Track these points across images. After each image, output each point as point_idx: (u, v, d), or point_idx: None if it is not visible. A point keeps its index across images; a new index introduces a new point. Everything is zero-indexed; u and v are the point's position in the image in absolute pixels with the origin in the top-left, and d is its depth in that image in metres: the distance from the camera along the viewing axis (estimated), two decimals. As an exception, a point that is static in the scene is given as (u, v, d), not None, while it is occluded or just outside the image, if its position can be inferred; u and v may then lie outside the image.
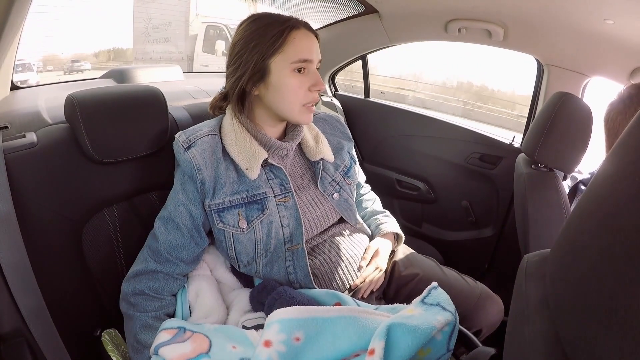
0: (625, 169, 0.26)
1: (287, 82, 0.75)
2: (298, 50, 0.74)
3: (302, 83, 0.76)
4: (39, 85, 1.41)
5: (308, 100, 0.77)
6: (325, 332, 0.59)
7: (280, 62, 0.74)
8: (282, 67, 0.74)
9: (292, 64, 0.74)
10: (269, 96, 0.77)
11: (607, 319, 0.24)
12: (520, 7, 1.11)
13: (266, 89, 0.76)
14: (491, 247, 1.57)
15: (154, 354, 0.66)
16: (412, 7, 1.34)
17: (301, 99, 0.77)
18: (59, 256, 0.77)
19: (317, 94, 0.78)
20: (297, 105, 0.77)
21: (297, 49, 0.74)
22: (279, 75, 0.74)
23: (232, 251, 0.78)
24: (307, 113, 0.79)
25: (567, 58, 1.25)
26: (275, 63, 0.74)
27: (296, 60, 0.74)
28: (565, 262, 0.31)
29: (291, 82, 0.75)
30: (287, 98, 0.76)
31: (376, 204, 1.08)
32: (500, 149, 1.50)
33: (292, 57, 0.74)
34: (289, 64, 0.74)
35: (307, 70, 0.77)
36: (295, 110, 0.77)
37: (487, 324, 0.88)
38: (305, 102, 0.77)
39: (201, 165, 0.74)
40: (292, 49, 0.74)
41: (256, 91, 0.77)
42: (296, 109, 0.77)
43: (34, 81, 1.30)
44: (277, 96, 0.76)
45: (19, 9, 0.84)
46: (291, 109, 0.77)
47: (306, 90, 0.76)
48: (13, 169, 0.72)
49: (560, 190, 1.02)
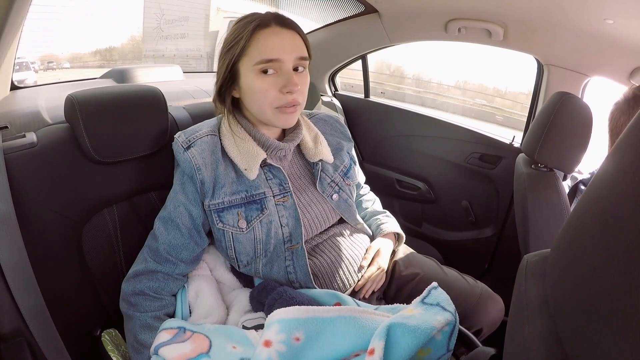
0: (625, 168, 0.26)
1: (253, 85, 0.73)
2: (262, 51, 0.71)
3: (271, 85, 0.72)
4: (39, 85, 1.41)
5: (281, 103, 0.73)
6: (325, 332, 0.59)
7: (246, 64, 0.73)
8: (248, 70, 0.73)
9: (255, 66, 0.71)
10: (244, 99, 0.77)
11: (607, 319, 0.24)
12: (520, 7, 1.11)
13: (240, 92, 0.76)
14: (491, 247, 1.58)
15: (154, 354, 0.66)
16: (412, 7, 1.34)
17: (272, 102, 0.73)
18: (59, 256, 0.77)
19: (293, 96, 0.73)
20: (268, 108, 0.74)
21: (260, 49, 0.71)
22: (246, 77, 0.73)
23: (232, 251, 0.78)
24: (283, 115, 0.75)
25: (567, 58, 1.25)
26: (242, 66, 0.73)
27: (258, 62, 0.71)
28: (565, 262, 0.31)
29: (257, 84, 0.72)
30: (257, 101, 0.74)
31: (376, 204, 1.08)
32: (500, 149, 1.50)
33: (255, 58, 0.71)
34: (252, 66, 0.72)
35: (277, 71, 0.73)
36: (268, 113, 0.75)
37: (487, 324, 0.88)
38: (278, 104, 0.74)
39: (201, 165, 0.74)
40: (255, 49, 0.71)
41: (236, 94, 0.77)
42: (269, 111, 0.75)
43: (32, 81, 1.30)
44: (248, 99, 0.76)
45: (19, 8, 0.84)
46: (264, 112, 0.75)
47: (277, 92, 0.73)
48: (13, 169, 0.72)
49: (560, 190, 1.02)
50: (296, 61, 0.74)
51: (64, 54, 9.26)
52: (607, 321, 0.24)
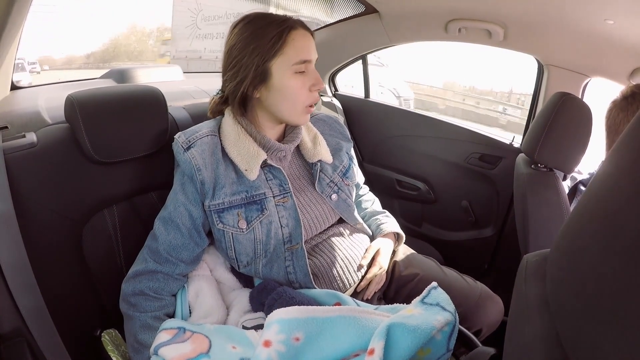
0: (625, 168, 0.26)
1: (289, 84, 0.74)
2: (298, 51, 0.73)
3: (304, 84, 0.75)
4: (39, 86, 1.41)
5: (310, 101, 0.77)
6: (325, 332, 0.59)
7: (282, 64, 0.73)
8: (284, 69, 0.74)
9: (293, 66, 0.74)
10: (271, 99, 0.76)
11: (607, 319, 0.24)
12: (520, 7, 1.11)
13: (268, 92, 0.76)
14: (491, 247, 1.57)
15: (154, 354, 0.66)
16: (412, 7, 1.34)
17: (304, 100, 0.77)
18: (59, 256, 0.77)
19: (318, 94, 0.78)
20: (300, 106, 0.77)
21: (297, 50, 0.73)
22: (281, 77, 0.74)
23: (232, 251, 0.78)
24: (307, 114, 0.80)
25: (567, 58, 1.25)
26: (276, 65, 0.74)
27: (297, 62, 0.74)
28: (565, 262, 0.31)
29: (293, 83, 0.75)
30: (290, 99, 0.76)
31: (375, 204, 1.08)
32: (500, 149, 1.50)
33: (293, 59, 0.73)
34: (291, 66, 0.73)
35: (307, 71, 0.76)
36: (298, 111, 0.78)
37: (487, 324, 0.88)
38: (308, 103, 0.77)
39: (201, 165, 0.74)
40: (293, 50, 0.73)
41: (257, 94, 0.77)
42: (299, 110, 0.77)
43: (27, 82, 1.31)
44: (279, 98, 0.76)
45: (19, 8, 0.84)
46: (294, 110, 0.77)
47: (307, 90, 0.76)
48: (13, 169, 0.72)
49: (560, 190, 1.02)
50: (314, 63, 0.78)
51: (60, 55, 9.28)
52: (607, 321, 0.24)
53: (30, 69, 8.44)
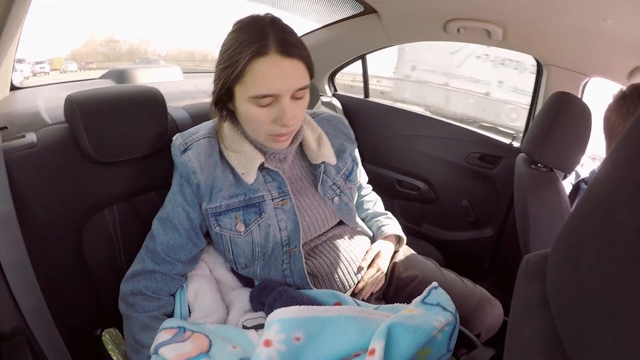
0: (624, 168, 0.26)
1: (248, 112, 0.70)
2: (257, 84, 0.66)
3: (266, 115, 0.69)
4: (39, 86, 1.41)
5: (274, 132, 0.71)
6: (325, 331, 0.59)
7: (241, 91, 0.68)
8: (243, 97, 0.69)
9: (250, 99, 0.67)
10: (239, 116, 0.74)
11: (607, 319, 0.24)
12: (519, 7, 1.11)
13: (235, 110, 0.74)
14: (491, 247, 1.58)
15: (154, 353, 0.66)
16: (411, 7, 1.34)
17: (266, 130, 0.71)
18: (60, 256, 0.77)
19: (287, 128, 0.71)
20: (262, 133, 0.73)
21: (256, 82, 0.65)
22: (240, 103, 0.70)
23: (230, 254, 0.78)
24: (275, 143, 0.74)
25: (566, 58, 1.25)
26: (237, 91, 0.69)
27: (253, 96, 0.66)
28: (565, 262, 0.31)
29: (252, 112, 0.69)
30: (251, 125, 0.73)
31: (378, 205, 1.07)
32: (500, 149, 1.50)
33: (250, 90, 0.66)
34: (246, 97, 0.68)
35: (274, 102, 0.68)
36: (262, 138, 0.74)
37: (486, 328, 0.87)
38: (271, 133, 0.72)
39: (197, 168, 0.73)
40: (251, 81, 0.66)
41: (232, 107, 0.75)
42: (262, 137, 0.74)
43: (17, 82, 1.31)
44: (243, 121, 0.74)
45: (18, 8, 0.84)
46: (257, 136, 0.74)
47: (270, 122, 0.70)
48: (13, 169, 0.72)
49: (560, 190, 1.02)
50: (294, 92, 0.68)
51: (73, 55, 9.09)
52: (607, 321, 0.24)
53: (38, 70, 8.19)
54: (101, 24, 10.09)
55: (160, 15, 9.11)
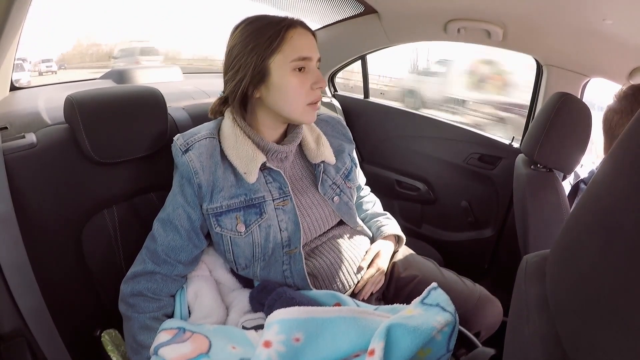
0: (624, 168, 0.26)
1: (288, 82, 0.74)
2: (296, 49, 0.73)
3: (304, 81, 0.74)
4: (39, 86, 1.41)
5: (311, 99, 0.76)
6: (325, 332, 0.59)
7: (280, 61, 0.73)
8: (282, 67, 0.73)
9: (291, 63, 0.73)
10: (271, 97, 0.76)
11: (607, 318, 0.24)
12: (519, 8, 1.11)
13: (267, 91, 0.75)
14: (491, 248, 1.58)
15: (154, 354, 0.66)
16: (411, 8, 1.34)
17: (304, 98, 0.75)
18: (59, 256, 0.77)
19: (320, 92, 0.77)
20: (300, 104, 0.76)
21: (295, 47, 0.73)
22: (280, 75, 0.74)
23: (230, 254, 0.78)
24: (311, 112, 0.78)
25: (566, 58, 1.25)
26: (274, 63, 0.73)
27: (295, 59, 0.73)
28: (565, 261, 0.31)
29: (292, 81, 0.74)
30: (290, 98, 0.75)
31: (376, 206, 1.07)
32: (499, 150, 1.50)
33: (291, 56, 0.73)
34: (289, 63, 0.73)
35: (307, 69, 0.75)
36: (299, 109, 0.76)
37: (485, 327, 0.88)
38: (309, 100, 0.76)
39: (198, 169, 0.73)
40: (290, 47, 0.73)
41: (257, 94, 0.76)
42: (300, 108, 0.76)
43: (25, 81, 1.30)
44: (280, 97, 0.75)
45: (19, 8, 0.84)
46: (295, 108, 0.76)
47: (308, 88, 0.75)
48: (13, 169, 0.72)
49: (559, 190, 1.02)
50: (317, 62, 0.78)
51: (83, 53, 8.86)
52: (607, 321, 0.24)
53: (44, 69, 7.93)
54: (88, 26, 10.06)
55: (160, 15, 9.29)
